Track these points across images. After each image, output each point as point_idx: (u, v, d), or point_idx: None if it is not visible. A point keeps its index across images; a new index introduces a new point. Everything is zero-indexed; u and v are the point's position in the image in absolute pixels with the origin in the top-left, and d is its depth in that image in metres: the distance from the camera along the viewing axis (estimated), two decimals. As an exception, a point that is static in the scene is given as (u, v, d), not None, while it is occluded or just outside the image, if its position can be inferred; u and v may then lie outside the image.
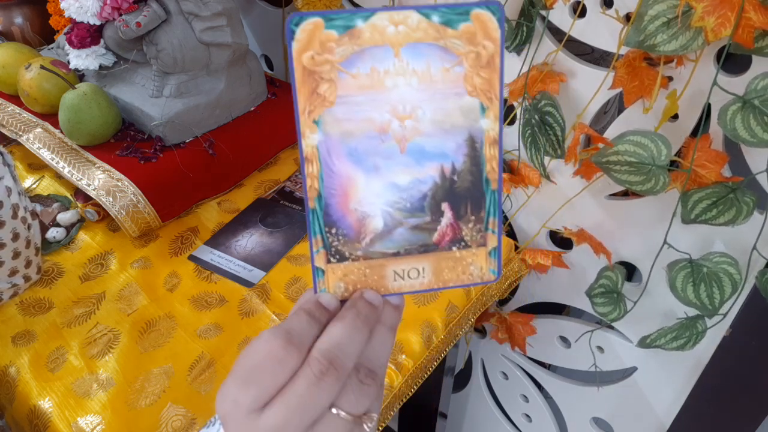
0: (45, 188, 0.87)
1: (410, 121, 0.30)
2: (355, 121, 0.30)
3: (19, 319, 0.69)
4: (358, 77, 0.29)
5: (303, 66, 0.29)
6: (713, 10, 0.51)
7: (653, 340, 0.73)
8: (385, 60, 0.29)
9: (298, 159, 0.97)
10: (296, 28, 0.28)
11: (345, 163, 0.30)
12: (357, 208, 0.31)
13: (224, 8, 0.81)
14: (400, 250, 0.32)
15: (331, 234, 0.31)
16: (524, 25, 0.69)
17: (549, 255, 0.82)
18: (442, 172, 0.31)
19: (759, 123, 0.53)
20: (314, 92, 0.29)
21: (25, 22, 1.05)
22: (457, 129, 0.30)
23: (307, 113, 0.29)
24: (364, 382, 0.30)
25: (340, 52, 0.29)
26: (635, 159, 0.60)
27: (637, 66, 0.61)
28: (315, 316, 0.31)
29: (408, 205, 0.31)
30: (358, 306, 0.31)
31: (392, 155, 0.30)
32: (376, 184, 0.31)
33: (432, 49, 0.29)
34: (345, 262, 0.32)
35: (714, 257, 0.65)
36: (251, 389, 0.28)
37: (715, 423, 0.80)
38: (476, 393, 1.20)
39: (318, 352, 0.29)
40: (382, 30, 0.29)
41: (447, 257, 0.33)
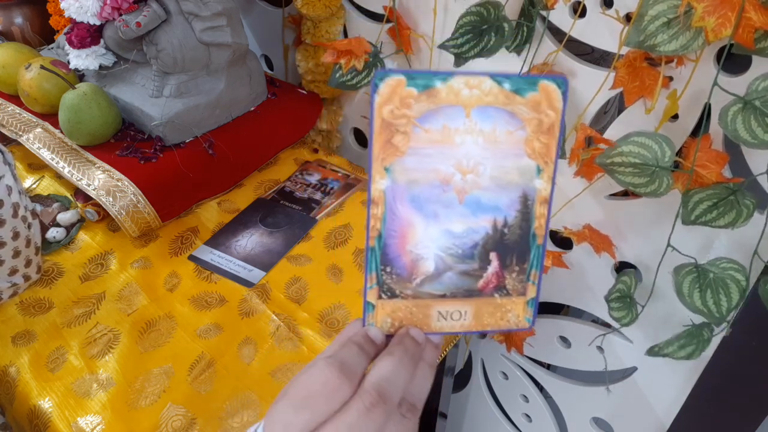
0: (45, 188, 0.87)
1: (471, 176, 0.33)
2: (422, 171, 0.32)
3: (19, 319, 0.69)
4: (430, 132, 0.32)
5: (383, 118, 0.31)
6: (714, 10, 0.51)
7: (661, 348, 0.72)
8: (456, 119, 0.31)
9: (298, 159, 0.97)
10: (380, 83, 0.31)
11: (407, 209, 0.33)
12: (412, 251, 0.33)
13: (224, 8, 0.81)
14: (446, 292, 0.35)
15: (386, 272, 0.34)
16: (524, 26, 0.69)
17: (549, 255, 0.82)
18: (495, 224, 0.34)
19: (760, 124, 0.53)
20: (389, 142, 0.31)
21: (25, 22, 1.05)
22: (513, 186, 0.33)
23: (380, 160, 0.32)
24: (406, 416, 0.32)
25: (417, 108, 0.31)
26: (639, 160, 0.60)
27: (637, 66, 0.61)
28: (364, 349, 0.33)
29: (460, 251, 0.34)
30: (405, 343, 0.33)
31: (451, 205, 0.33)
32: (433, 230, 0.33)
33: (500, 113, 0.32)
34: (395, 299, 0.34)
35: (721, 263, 0.64)
36: (305, 414, 0.30)
37: (715, 423, 0.80)
38: (476, 393, 1.20)
39: (370, 385, 0.31)
40: (458, 92, 0.31)
41: (488, 303, 0.35)
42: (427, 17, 0.80)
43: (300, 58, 0.96)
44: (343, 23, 0.92)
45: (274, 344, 0.67)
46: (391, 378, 0.31)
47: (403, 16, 0.83)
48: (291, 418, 0.30)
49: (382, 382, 0.31)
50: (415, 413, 0.32)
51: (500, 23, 0.67)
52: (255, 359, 0.66)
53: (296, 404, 0.30)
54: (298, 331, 0.69)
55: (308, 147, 1.01)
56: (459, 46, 0.70)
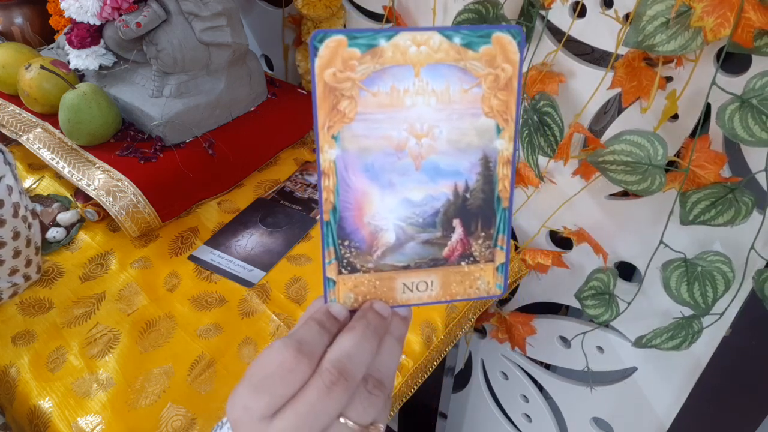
0: (45, 188, 0.87)
1: (427, 140, 0.31)
2: (373, 137, 0.30)
3: (19, 319, 0.69)
4: (378, 95, 0.30)
5: (324, 82, 0.29)
6: (712, 10, 0.51)
7: (649, 339, 0.73)
8: (405, 79, 0.30)
9: (298, 159, 0.97)
10: (320, 45, 0.29)
11: (361, 179, 0.31)
12: (370, 222, 0.32)
13: (224, 8, 0.82)
14: (410, 263, 0.33)
15: (344, 246, 0.32)
16: (524, 25, 0.69)
17: (549, 255, 0.82)
18: (456, 190, 0.32)
19: (757, 122, 0.53)
20: (334, 108, 0.30)
21: (25, 22, 1.05)
22: (472, 148, 0.31)
23: (327, 128, 0.30)
24: (372, 393, 0.31)
25: (362, 70, 0.29)
26: (631, 159, 0.60)
27: (636, 66, 0.61)
28: (325, 326, 0.32)
29: (420, 220, 0.32)
30: (368, 317, 0.32)
31: (408, 172, 0.31)
32: (390, 200, 0.32)
33: (452, 70, 0.30)
34: (356, 273, 0.33)
35: (708, 256, 0.65)
36: (263, 397, 0.29)
37: (715, 423, 0.80)
38: (476, 393, 1.20)
39: (329, 363, 0.30)
40: (404, 50, 0.29)
41: (455, 271, 0.34)
42: (427, 17, 0.80)
43: (300, 58, 0.96)
44: (343, 23, 0.92)
45: (273, 344, 0.67)
46: (352, 353, 0.30)
47: (403, 16, 0.83)
48: (249, 401, 0.29)
49: (342, 358, 0.30)
50: (382, 389, 0.31)
51: (499, 22, 0.67)
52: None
53: (254, 387, 0.29)
54: (297, 330, 0.69)
55: (308, 147, 1.01)
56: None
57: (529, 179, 0.80)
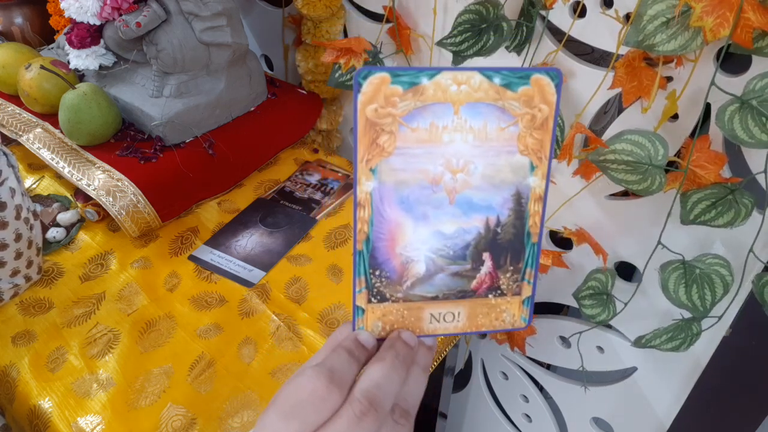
0: (45, 188, 0.87)
1: (462, 175, 0.31)
2: (410, 171, 0.31)
3: (19, 319, 0.69)
4: (418, 131, 0.30)
5: (366, 117, 0.30)
6: (712, 10, 0.51)
7: (648, 340, 0.73)
8: (444, 116, 0.30)
9: (298, 159, 0.97)
10: (363, 81, 0.29)
11: (396, 210, 0.32)
12: (402, 253, 0.33)
13: (224, 8, 0.82)
14: (438, 294, 0.34)
15: (375, 276, 0.33)
16: (524, 25, 0.69)
17: (549, 255, 0.82)
18: (487, 224, 0.33)
19: (757, 123, 0.53)
20: (374, 142, 0.30)
21: (25, 22, 1.05)
22: (506, 184, 0.32)
23: (365, 161, 0.31)
24: (399, 422, 0.31)
25: (403, 106, 0.30)
26: (632, 158, 0.60)
27: (636, 66, 0.61)
28: (354, 355, 0.32)
29: (451, 252, 0.33)
30: (397, 347, 0.33)
31: (441, 205, 0.32)
32: (423, 232, 0.32)
33: (490, 109, 0.31)
34: (385, 303, 0.34)
35: (707, 258, 0.65)
36: (294, 423, 0.29)
37: (715, 423, 0.80)
38: (476, 393, 1.20)
39: (360, 393, 0.30)
40: (445, 88, 0.30)
41: (482, 303, 0.34)
42: (427, 17, 0.80)
43: (300, 58, 0.96)
44: (343, 23, 0.92)
45: (274, 344, 0.67)
46: (382, 384, 0.31)
47: (403, 16, 0.83)
48: (280, 427, 0.29)
49: (372, 389, 0.30)
50: (408, 419, 0.32)
51: (499, 22, 0.67)
52: (255, 359, 0.66)
53: (285, 413, 0.30)
54: (298, 331, 0.69)
55: (308, 147, 1.01)
56: (457, 44, 0.70)
57: (529, 179, 0.80)
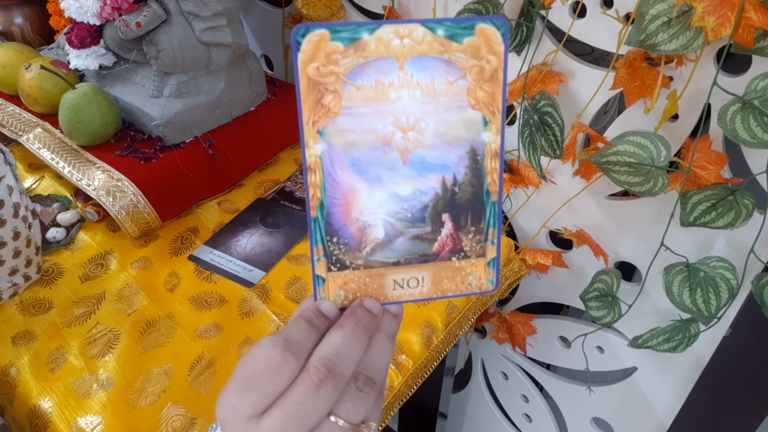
0: (45, 188, 0.87)
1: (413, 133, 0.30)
2: (359, 132, 0.30)
3: (19, 319, 0.69)
4: (363, 89, 0.29)
5: (308, 77, 0.29)
6: (713, 9, 0.51)
7: (645, 340, 0.73)
8: (389, 72, 0.29)
9: (298, 159, 0.97)
10: (302, 39, 0.28)
11: (348, 174, 0.30)
12: (359, 218, 0.31)
13: (224, 8, 0.81)
14: (400, 259, 0.33)
15: (333, 243, 0.32)
16: (524, 25, 0.69)
17: (549, 255, 0.82)
18: (444, 184, 0.31)
19: (759, 123, 0.53)
20: (319, 103, 0.29)
21: (25, 22, 1.05)
22: (460, 141, 0.31)
23: (311, 123, 0.29)
24: (363, 390, 0.30)
25: (346, 63, 0.29)
26: (634, 159, 0.60)
27: (637, 66, 0.61)
28: (314, 324, 0.31)
29: (409, 215, 0.32)
30: (358, 314, 0.32)
31: (395, 166, 0.31)
32: (378, 195, 0.31)
33: (436, 63, 0.29)
34: (345, 270, 0.32)
35: (711, 261, 0.64)
36: (250, 396, 0.28)
37: (715, 423, 0.80)
38: (476, 393, 1.20)
39: (316, 360, 0.29)
40: (388, 43, 0.29)
41: (446, 267, 0.33)
42: (427, 17, 0.80)
43: (300, 58, 0.96)
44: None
45: (274, 344, 0.67)
46: (340, 351, 0.29)
47: (403, 16, 0.83)
48: (237, 401, 0.29)
49: (330, 355, 0.29)
50: (373, 387, 0.30)
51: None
52: (255, 359, 0.66)
53: (241, 386, 0.29)
54: (298, 331, 0.69)
55: (308, 147, 1.00)
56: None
57: (530, 179, 0.80)
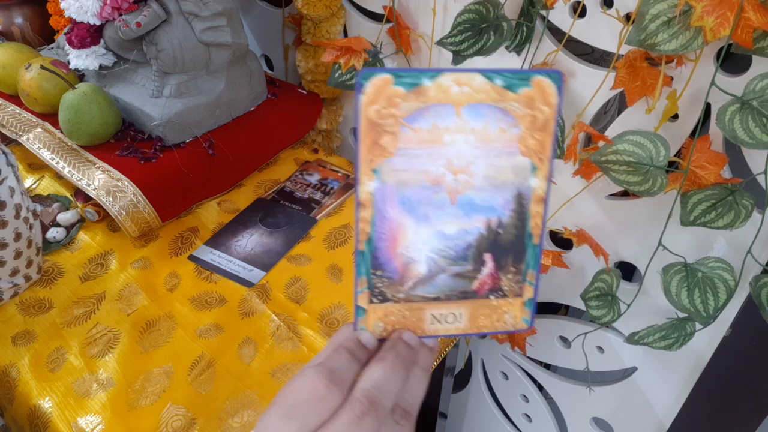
0: (45, 188, 0.87)
1: (463, 176, 0.31)
2: (412, 172, 0.31)
3: (19, 319, 0.69)
4: (420, 132, 0.30)
5: (368, 118, 0.30)
6: (712, 9, 0.51)
7: (641, 337, 0.73)
8: (446, 117, 0.30)
9: (298, 159, 0.97)
10: (365, 82, 0.29)
11: (397, 211, 0.32)
12: (404, 253, 0.32)
13: (224, 8, 0.81)
14: (440, 295, 0.34)
15: (377, 276, 0.33)
16: (524, 25, 0.69)
17: (549, 255, 0.82)
18: (489, 225, 0.33)
19: (757, 124, 0.53)
20: (376, 143, 0.30)
21: (25, 22, 1.05)
22: (507, 186, 0.32)
23: (367, 162, 0.31)
24: (399, 423, 0.31)
25: (405, 107, 0.30)
26: (633, 159, 0.60)
27: (638, 66, 0.61)
28: (355, 355, 0.32)
29: (453, 253, 0.33)
30: (398, 348, 0.32)
31: (443, 206, 0.32)
32: (424, 232, 0.32)
33: (492, 110, 0.31)
34: (386, 303, 0.33)
35: (709, 262, 0.64)
36: (294, 423, 0.29)
37: (715, 423, 0.80)
38: (476, 393, 1.20)
39: (360, 393, 0.30)
40: (447, 89, 0.30)
41: (484, 305, 0.34)
42: (427, 17, 0.80)
43: (300, 58, 0.96)
44: (343, 23, 0.92)
45: (274, 344, 0.67)
46: (382, 384, 0.31)
47: (403, 16, 0.83)
48: (280, 427, 0.29)
49: (373, 389, 0.30)
50: (409, 419, 0.32)
51: (499, 22, 0.67)
52: (255, 359, 0.66)
53: (285, 413, 0.30)
54: (298, 331, 0.69)
55: (308, 147, 1.01)
56: (457, 44, 0.70)
57: (530, 179, 0.80)
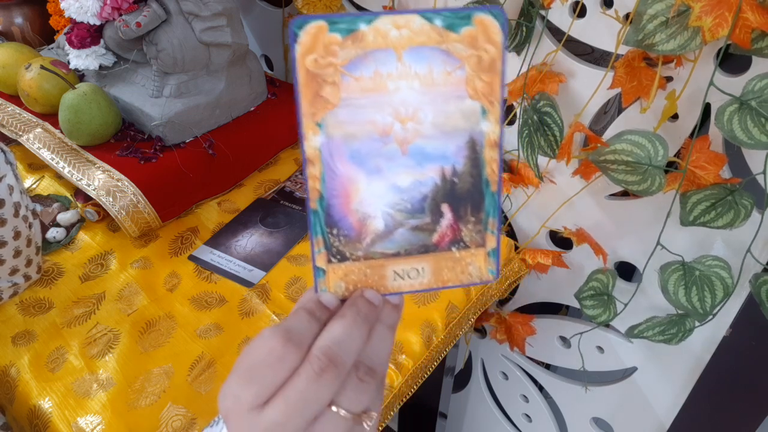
0: (45, 188, 0.87)
1: (412, 124, 0.30)
2: (358, 123, 0.30)
3: (19, 319, 0.69)
4: (361, 80, 0.29)
5: (306, 69, 0.29)
6: (711, 10, 0.51)
7: (641, 331, 0.73)
8: (387, 63, 0.29)
9: (298, 159, 0.97)
10: (299, 31, 0.28)
11: (347, 165, 0.30)
12: (358, 209, 0.31)
13: (224, 8, 0.82)
14: (400, 250, 0.32)
15: (333, 234, 0.32)
16: (524, 25, 0.69)
17: (549, 255, 0.82)
18: (443, 174, 0.31)
19: (756, 124, 0.53)
20: (317, 95, 0.29)
21: (25, 22, 1.05)
22: (458, 132, 0.31)
23: (310, 115, 0.29)
24: (363, 380, 0.30)
25: (344, 55, 0.29)
26: (632, 158, 0.60)
27: (636, 66, 0.61)
28: (315, 315, 0.31)
29: (409, 206, 0.32)
30: (358, 304, 0.32)
31: (394, 157, 0.31)
32: (377, 186, 0.31)
33: (434, 53, 0.29)
34: (346, 262, 0.32)
35: (707, 260, 0.65)
36: (252, 386, 0.29)
37: (715, 423, 0.80)
38: (476, 393, 1.20)
39: (318, 350, 0.29)
40: (385, 33, 0.29)
41: (446, 257, 0.33)
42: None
43: (300, 58, 0.96)
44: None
45: (273, 344, 0.67)
46: (341, 340, 0.30)
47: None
48: (239, 391, 0.29)
49: (331, 345, 0.29)
50: (374, 376, 0.31)
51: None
52: (254, 359, 0.66)
53: (243, 377, 0.29)
54: (297, 330, 0.69)
55: (308, 147, 1.00)
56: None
57: (529, 179, 0.80)
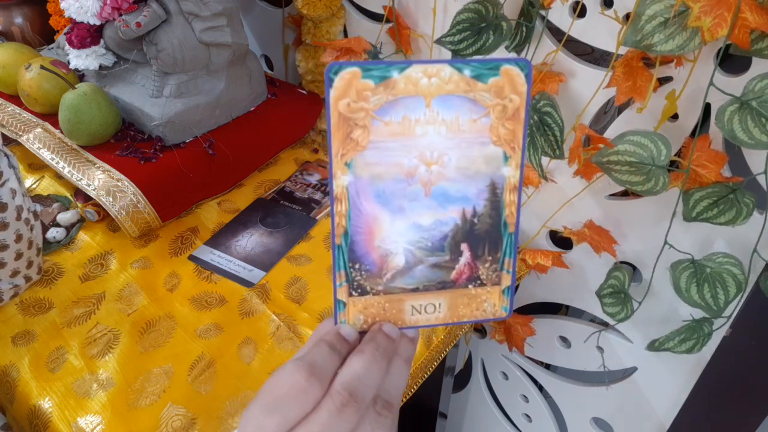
0: (45, 188, 0.87)
1: (436, 167, 0.32)
2: (385, 165, 0.32)
3: (19, 319, 0.69)
4: (391, 124, 0.31)
5: (339, 112, 0.30)
6: (710, 10, 0.51)
7: (662, 343, 0.72)
8: (417, 109, 0.31)
9: (298, 159, 0.97)
10: (334, 77, 0.30)
11: (372, 204, 0.32)
12: (381, 246, 0.33)
13: (224, 8, 0.82)
14: (419, 286, 0.34)
15: (355, 269, 0.33)
16: (524, 25, 0.69)
17: (549, 255, 0.82)
18: (464, 215, 0.33)
19: (756, 124, 0.53)
20: (348, 137, 0.31)
21: (25, 22, 1.05)
22: (480, 175, 0.33)
23: (340, 156, 0.31)
24: (381, 414, 0.31)
25: (375, 100, 0.30)
26: (635, 159, 0.60)
27: (633, 66, 0.61)
28: (336, 348, 0.33)
29: (429, 244, 0.33)
30: (378, 339, 0.33)
31: (417, 198, 0.32)
32: (400, 224, 0.33)
33: (461, 101, 0.31)
34: (366, 296, 0.34)
35: (717, 257, 0.64)
36: (275, 416, 0.30)
37: (715, 423, 0.80)
38: (476, 393, 1.20)
39: (340, 385, 0.31)
40: (416, 81, 0.30)
41: (463, 294, 0.35)
42: (427, 17, 0.80)
43: (300, 58, 0.96)
44: (343, 23, 0.92)
45: (274, 344, 0.67)
46: (362, 376, 0.31)
47: (403, 16, 0.83)
48: (262, 421, 0.30)
49: (352, 380, 0.31)
50: (390, 410, 0.32)
51: (499, 22, 0.67)
52: (255, 359, 0.66)
53: (267, 407, 0.30)
54: (298, 331, 0.69)
55: (308, 147, 1.01)
56: (456, 43, 0.70)
57: (530, 179, 0.80)
